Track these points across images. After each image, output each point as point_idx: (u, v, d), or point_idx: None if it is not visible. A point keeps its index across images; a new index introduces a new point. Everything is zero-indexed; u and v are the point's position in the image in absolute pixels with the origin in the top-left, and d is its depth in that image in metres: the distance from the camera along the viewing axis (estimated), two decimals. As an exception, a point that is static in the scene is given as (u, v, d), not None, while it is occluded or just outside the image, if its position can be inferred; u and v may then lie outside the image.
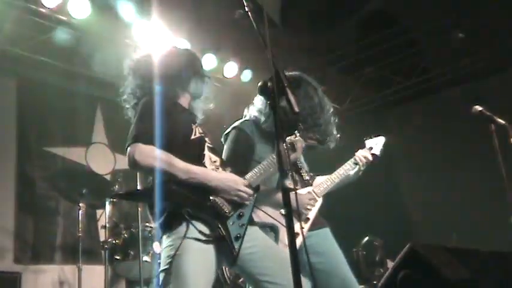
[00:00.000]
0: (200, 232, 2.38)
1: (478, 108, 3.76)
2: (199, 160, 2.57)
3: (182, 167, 2.44)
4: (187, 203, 2.40)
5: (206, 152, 2.64)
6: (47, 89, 6.19)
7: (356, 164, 3.38)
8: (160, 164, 2.42)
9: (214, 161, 2.64)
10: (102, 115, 6.73)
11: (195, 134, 2.64)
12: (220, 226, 2.42)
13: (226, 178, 2.53)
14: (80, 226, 4.95)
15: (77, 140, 6.42)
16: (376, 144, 3.54)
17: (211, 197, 2.46)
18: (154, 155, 2.43)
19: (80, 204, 5.00)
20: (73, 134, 6.42)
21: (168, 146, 2.48)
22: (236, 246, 2.42)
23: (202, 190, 2.45)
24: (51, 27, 5.56)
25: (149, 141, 2.46)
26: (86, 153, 6.38)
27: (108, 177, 6.33)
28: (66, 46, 5.82)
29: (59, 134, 6.29)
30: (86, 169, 6.23)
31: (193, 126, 2.68)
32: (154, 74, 2.73)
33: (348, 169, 3.36)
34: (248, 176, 2.66)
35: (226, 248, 2.42)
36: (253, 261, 2.50)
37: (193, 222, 2.38)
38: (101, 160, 6.47)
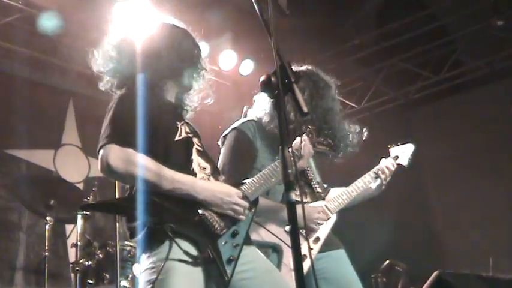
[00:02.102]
0: (185, 252, 2.33)
1: (520, 108, 3.76)
2: (186, 166, 2.52)
3: (167, 175, 2.39)
4: (170, 217, 2.35)
5: (195, 156, 2.58)
6: (10, 80, 6.17)
7: (377, 177, 3.36)
8: (141, 171, 2.36)
9: (204, 168, 2.59)
10: (75, 112, 6.70)
11: (180, 135, 2.58)
12: (210, 246, 2.38)
13: (218, 190, 2.49)
14: (46, 244, 4.92)
15: (45, 142, 6.39)
16: (403, 152, 3.51)
17: (200, 211, 2.42)
18: (134, 160, 2.37)
19: (47, 218, 4.96)
20: (40, 134, 6.38)
21: (147, 149, 2.42)
22: (228, 270, 2.38)
23: (190, 203, 2.41)
24: (16, 8, 5.56)
25: (127, 142, 2.40)
26: (55, 157, 6.37)
27: (80, 185, 6.29)
28: (33, 30, 5.82)
29: (23, 134, 6.25)
30: (54, 176, 6.21)
31: (179, 125, 2.62)
32: (139, 58, 2.65)
33: (367, 181, 3.32)
34: (245, 187, 2.61)
35: (216, 272, 2.38)
36: None
37: (178, 240, 2.33)
38: (73, 165, 6.45)
